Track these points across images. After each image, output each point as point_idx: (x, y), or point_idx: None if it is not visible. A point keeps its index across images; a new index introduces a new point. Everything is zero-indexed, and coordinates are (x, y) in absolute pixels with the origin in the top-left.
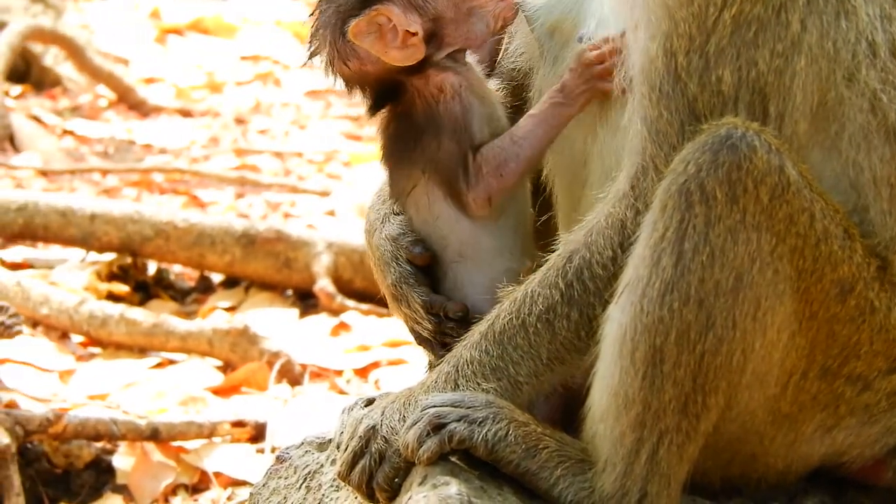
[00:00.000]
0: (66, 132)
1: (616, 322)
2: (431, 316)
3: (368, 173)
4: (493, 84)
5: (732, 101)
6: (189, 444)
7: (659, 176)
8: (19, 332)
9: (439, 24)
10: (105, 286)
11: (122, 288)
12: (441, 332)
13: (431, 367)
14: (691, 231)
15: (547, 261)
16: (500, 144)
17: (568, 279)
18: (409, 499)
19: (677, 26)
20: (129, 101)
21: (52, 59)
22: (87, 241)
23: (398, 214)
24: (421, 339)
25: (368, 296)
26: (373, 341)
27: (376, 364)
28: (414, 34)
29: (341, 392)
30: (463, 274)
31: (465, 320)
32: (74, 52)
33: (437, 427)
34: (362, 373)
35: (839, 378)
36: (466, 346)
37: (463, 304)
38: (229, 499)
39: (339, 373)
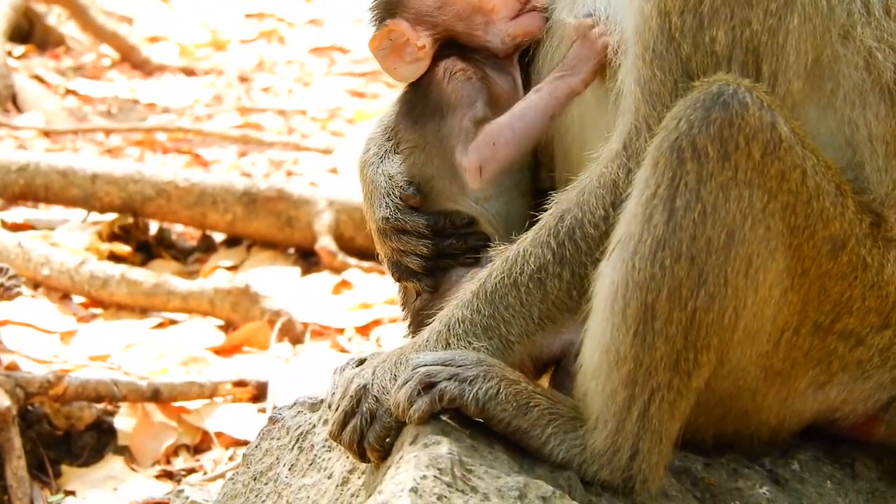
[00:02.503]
0: (69, 92)
1: (608, 279)
2: (435, 234)
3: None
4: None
5: (726, 61)
6: (190, 405)
7: (652, 136)
8: (19, 294)
9: (452, 36)
10: (106, 246)
11: (123, 248)
12: (439, 254)
13: (413, 311)
14: (683, 188)
15: (539, 220)
16: (499, 118)
17: (560, 238)
18: (400, 458)
19: None
20: (133, 61)
21: (56, 18)
22: (88, 201)
23: (398, 154)
24: (408, 274)
25: (370, 254)
26: (374, 299)
27: (378, 322)
28: (422, 48)
29: (343, 350)
30: None
31: (469, 232)
32: (78, 11)
33: (427, 386)
34: (364, 331)
35: (831, 334)
36: (458, 306)
37: (467, 214)
38: (231, 458)
39: (341, 331)
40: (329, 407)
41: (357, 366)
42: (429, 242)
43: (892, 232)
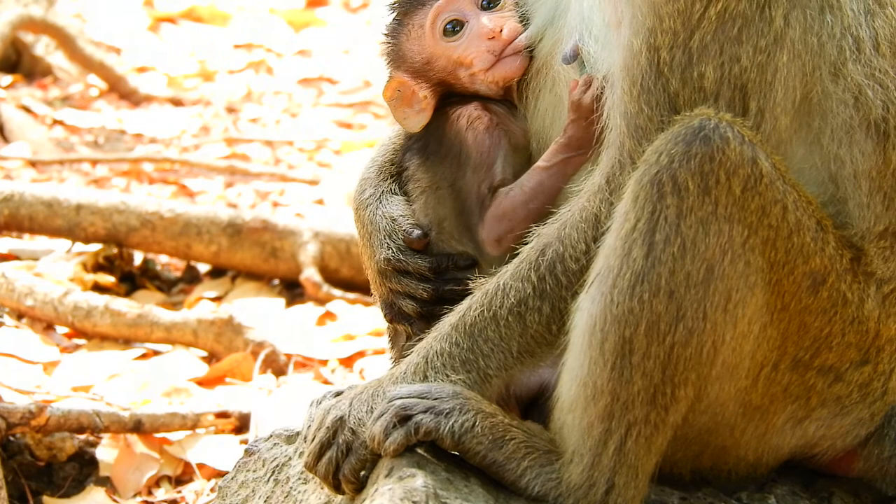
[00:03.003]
0: (56, 122)
1: (586, 312)
2: (437, 277)
3: (359, 161)
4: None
5: (713, 97)
6: (172, 436)
7: (635, 171)
8: (2, 324)
9: (448, 86)
10: (91, 277)
11: (108, 279)
12: (438, 299)
13: (400, 350)
14: (663, 222)
15: (520, 253)
16: (511, 194)
17: (540, 272)
18: (375, 491)
19: (662, 22)
20: (121, 91)
21: (44, 48)
22: (73, 231)
23: (396, 194)
24: (401, 316)
25: (355, 285)
26: (358, 330)
27: (362, 353)
28: (424, 98)
29: (326, 382)
30: None
31: (473, 269)
32: (65, 41)
33: (403, 419)
34: (347, 362)
35: (811, 370)
36: (437, 338)
37: (471, 256)
38: (212, 490)
39: (324, 362)
40: (305, 439)
41: (334, 397)
42: (429, 287)
43: (872, 267)
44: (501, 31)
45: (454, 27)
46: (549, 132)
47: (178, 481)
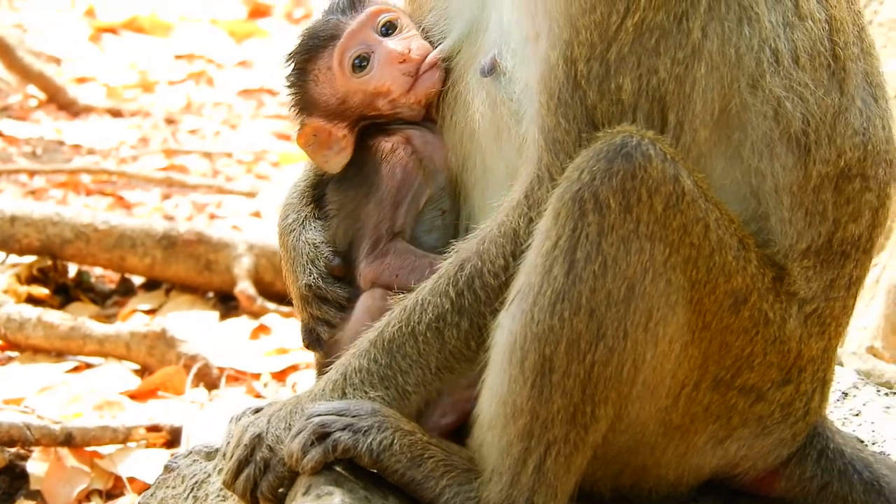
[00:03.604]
0: None
1: (506, 330)
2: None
3: (296, 174)
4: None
5: (632, 110)
6: (103, 450)
7: (554, 185)
8: None
9: (367, 118)
10: (25, 289)
11: (42, 291)
12: None
13: (319, 372)
14: (584, 240)
15: (438, 269)
16: (418, 257)
17: (459, 287)
18: None
19: (578, 34)
20: (60, 101)
21: None
22: (6, 243)
23: (319, 219)
24: (317, 342)
25: (289, 298)
26: (292, 344)
27: (295, 367)
28: (344, 137)
29: (258, 396)
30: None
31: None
32: (5, 51)
33: (321, 436)
34: (280, 376)
35: (732, 389)
36: (355, 355)
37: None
38: None
39: (257, 376)
40: (224, 455)
41: (253, 414)
42: (346, 315)
43: (794, 286)
44: (410, 51)
45: (362, 61)
46: (466, 147)
47: (109, 495)
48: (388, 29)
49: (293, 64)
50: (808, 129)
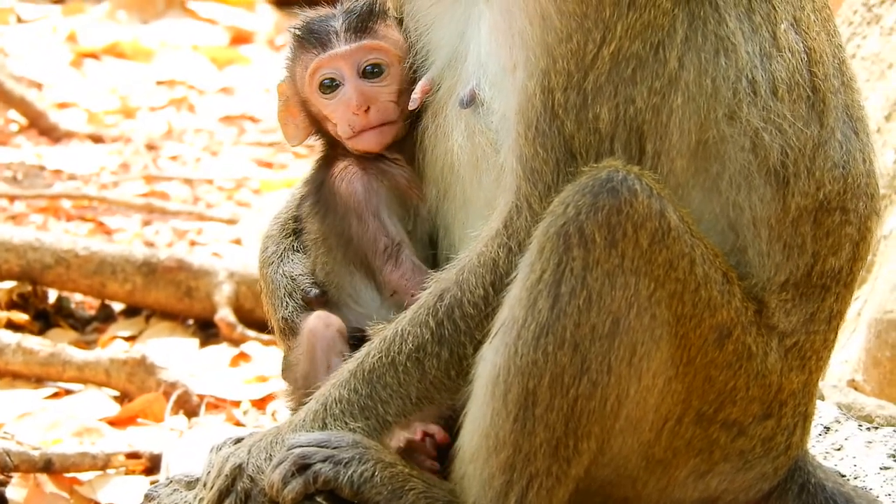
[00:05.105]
0: None
1: (490, 363)
2: None
3: (277, 201)
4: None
5: (609, 139)
6: (83, 476)
7: (533, 215)
8: None
9: (320, 127)
10: (4, 314)
11: (22, 316)
12: None
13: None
14: (569, 274)
15: (418, 299)
16: (412, 275)
17: (439, 318)
18: None
19: (556, 63)
20: (41, 126)
21: None
22: None
23: (298, 252)
24: (293, 375)
25: (270, 327)
26: (272, 372)
27: (274, 395)
28: (302, 119)
29: (238, 423)
30: (354, 314)
31: (363, 342)
32: None
33: (302, 467)
34: (260, 404)
35: (714, 423)
36: (335, 385)
37: (359, 330)
38: None
39: (237, 404)
40: (204, 485)
41: (234, 444)
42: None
43: (773, 319)
44: (367, 110)
45: (331, 83)
46: (447, 179)
47: None
48: (373, 69)
49: (293, 39)
50: (787, 161)
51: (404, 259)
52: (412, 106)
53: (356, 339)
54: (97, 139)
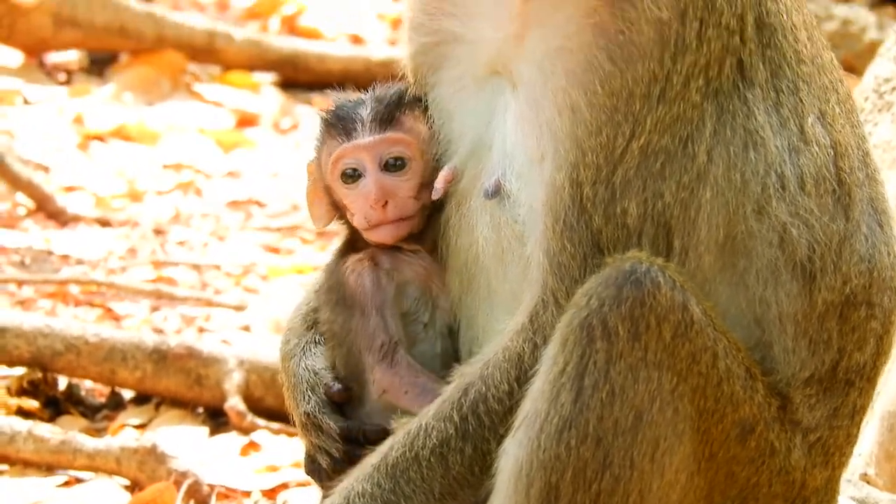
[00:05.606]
0: None
1: (512, 456)
2: (347, 442)
3: (285, 287)
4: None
5: (637, 234)
6: None
7: (559, 309)
8: None
9: (340, 210)
10: (15, 401)
11: (32, 403)
12: (349, 460)
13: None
14: (592, 367)
15: (443, 392)
16: (429, 380)
17: (463, 412)
18: None
19: (585, 156)
20: (48, 210)
21: None
22: None
23: (319, 344)
24: (316, 470)
25: (279, 414)
26: (282, 461)
27: (285, 485)
28: (325, 205)
29: None
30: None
31: (382, 441)
32: None
33: None
34: (271, 494)
35: None
36: (359, 479)
37: (382, 427)
38: None
39: (248, 494)
40: None
41: None
42: (340, 447)
43: (797, 415)
44: (385, 205)
45: (353, 173)
46: (470, 270)
47: None
48: (396, 161)
49: (319, 119)
50: (814, 255)
51: (399, 359)
52: (435, 196)
53: (377, 434)
54: (105, 223)
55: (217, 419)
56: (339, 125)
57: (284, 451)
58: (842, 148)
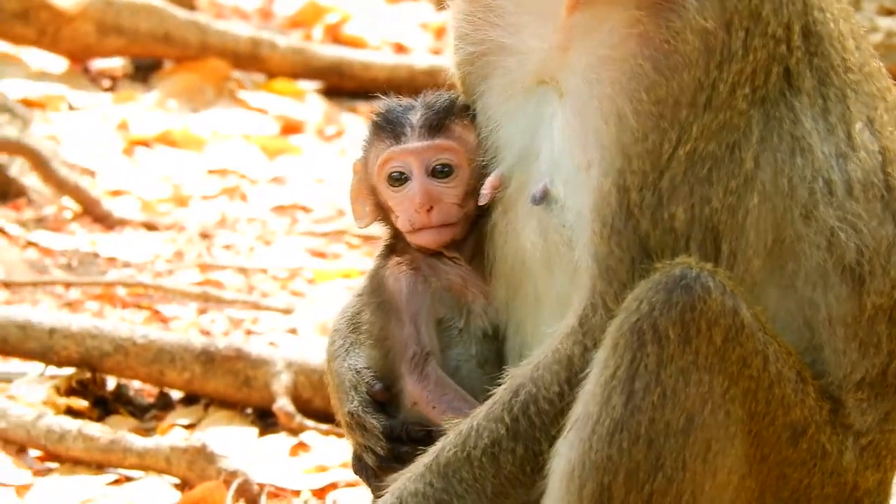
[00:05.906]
0: (29, 244)
1: (564, 458)
2: (391, 440)
3: (332, 291)
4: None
5: (685, 239)
6: None
7: (608, 313)
8: None
9: (386, 215)
10: (64, 401)
11: (81, 403)
12: (394, 457)
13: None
14: (643, 370)
15: (493, 394)
16: (458, 396)
17: (514, 413)
18: None
19: (631, 162)
20: (94, 214)
21: (18, 169)
22: (46, 355)
23: (363, 345)
24: (364, 469)
25: (328, 416)
26: (331, 462)
27: (334, 485)
28: (368, 203)
29: None
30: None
31: (427, 440)
32: (39, 163)
33: None
34: (320, 494)
35: None
36: (411, 479)
37: (425, 426)
38: None
39: (297, 493)
40: None
41: None
42: (385, 445)
43: (849, 419)
44: (430, 209)
45: (399, 176)
46: (518, 275)
47: None
48: (443, 168)
49: (369, 121)
50: (863, 259)
51: (430, 371)
52: (482, 202)
53: (421, 432)
54: (151, 227)
55: (266, 420)
56: (388, 128)
57: (333, 451)
58: (890, 154)
